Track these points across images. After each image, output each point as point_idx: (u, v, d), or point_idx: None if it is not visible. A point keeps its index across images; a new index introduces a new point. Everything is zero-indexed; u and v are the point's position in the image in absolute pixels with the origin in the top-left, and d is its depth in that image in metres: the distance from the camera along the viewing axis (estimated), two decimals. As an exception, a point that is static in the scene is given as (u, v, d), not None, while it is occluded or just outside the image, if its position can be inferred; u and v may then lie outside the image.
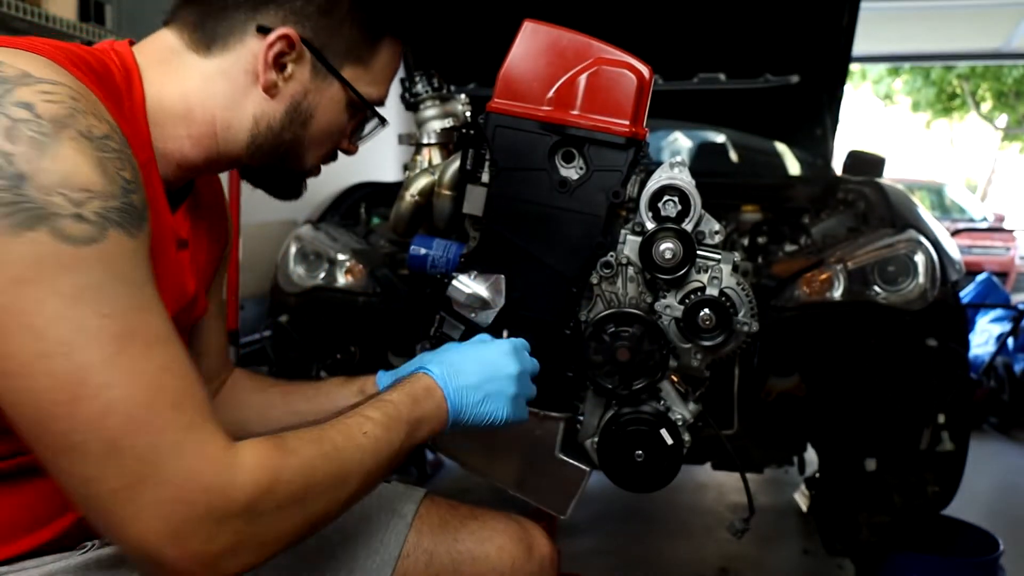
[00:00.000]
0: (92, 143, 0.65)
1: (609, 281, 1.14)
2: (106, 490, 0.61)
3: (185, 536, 0.62)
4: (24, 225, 0.59)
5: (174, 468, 0.62)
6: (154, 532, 0.61)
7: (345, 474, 0.73)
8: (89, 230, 0.62)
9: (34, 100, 0.63)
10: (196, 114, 0.83)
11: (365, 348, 2.17)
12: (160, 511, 0.61)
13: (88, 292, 0.61)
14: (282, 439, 0.70)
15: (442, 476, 3.17)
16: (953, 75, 13.91)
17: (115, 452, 0.60)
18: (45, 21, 2.27)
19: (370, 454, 0.76)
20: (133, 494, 0.61)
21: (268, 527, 0.67)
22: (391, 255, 2.06)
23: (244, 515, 0.64)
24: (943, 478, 1.98)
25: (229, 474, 0.64)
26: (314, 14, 0.83)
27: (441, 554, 0.99)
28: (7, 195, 0.60)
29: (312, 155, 0.92)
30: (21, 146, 0.61)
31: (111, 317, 0.61)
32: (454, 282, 1.12)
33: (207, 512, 0.62)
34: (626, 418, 1.12)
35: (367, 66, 0.89)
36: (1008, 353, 4.14)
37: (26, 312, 0.59)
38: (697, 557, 2.56)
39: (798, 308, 1.85)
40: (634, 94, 1.08)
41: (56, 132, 0.63)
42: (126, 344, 0.62)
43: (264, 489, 0.65)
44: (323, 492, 0.71)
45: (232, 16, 0.81)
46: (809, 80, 3.04)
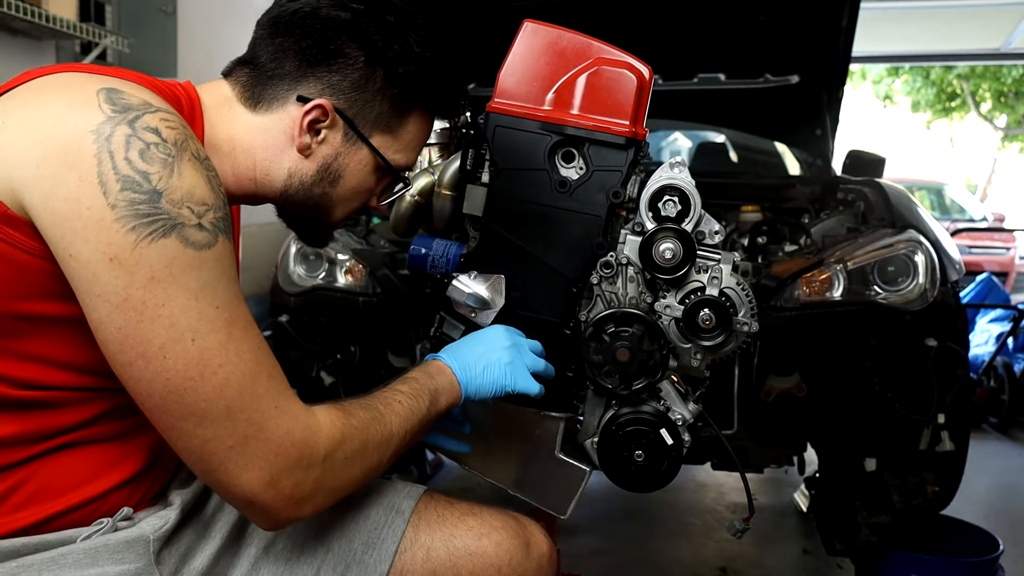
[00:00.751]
0: (202, 163, 0.78)
1: (609, 281, 1.14)
2: (223, 448, 0.76)
3: (281, 481, 0.79)
4: (160, 234, 0.73)
5: (274, 427, 0.78)
6: (258, 479, 0.78)
7: (389, 434, 0.90)
8: (208, 237, 0.76)
9: (159, 126, 0.76)
10: (239, 157, 0.94)
11: (365, 348, 2.17)
12: (264, 462, 0.78)
13: (207, 287, 0.75)
14: (343, 406, 0.88)
15: (442, 476, 3.17)
16: (953, 75, 13.91)
17: (231, 416, 0.76)
18: (45, 21, 2.27)
19: (405, 419, 0.93)
20: (244, 449, 0.77)
21: (338, 475, 0.84)
22: (391, 255, 2.06)
23: (322, 464, 0.81)
24: (943, 478, 1.98)
25: (312, 431, 0.81)
26: (349, 88, 0.93)
27: (438, 549, 1.01)
28: (146, 207, 0.72)
29: (340, 210, 1.02)
30: (155, 166, 0.74)
31: (222, 307, 0.76)
32: (454, 282, 1.12)
33: (297, 462, 0.79)
34: (626, 418, 1.13)
35: (396, 135, 0.99)
36: (1008, 353, 4.14)
37: (161, 304, 0.73)
38: (697, 557, 2.56)
39: (798, 308, 1.84)
40: (634, 94, 1.08)
41: (179, 154, 0.76)
42: (233, 329, 0.77)
43: (336, 443, 0.83)
44: (375, 448, 0.88)
45: (277, 84, 0.93)
46: (809, 80, 3.04)
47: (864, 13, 2.70)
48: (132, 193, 0.72)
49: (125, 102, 0.76)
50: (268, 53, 0.93)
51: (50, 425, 0.81)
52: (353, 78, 0.93)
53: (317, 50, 0.92)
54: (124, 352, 0.74)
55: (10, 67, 2.46)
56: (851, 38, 2.71)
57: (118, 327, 0.73)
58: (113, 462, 0.87)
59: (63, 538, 0.81)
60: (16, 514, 0.80)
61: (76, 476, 0.84)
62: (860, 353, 1.91)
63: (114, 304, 0.72)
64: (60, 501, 0.82)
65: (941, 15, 6.03)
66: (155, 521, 0.87)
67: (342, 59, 0.92)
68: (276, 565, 0.97)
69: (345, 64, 0.92)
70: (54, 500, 0.82)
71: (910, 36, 6.81)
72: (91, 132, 0.72)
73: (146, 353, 0.73)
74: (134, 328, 0.73)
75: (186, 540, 0.91)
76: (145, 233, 0.72)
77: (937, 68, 13.59)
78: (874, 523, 2.02)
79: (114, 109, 0.74)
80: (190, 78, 0.98)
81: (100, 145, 0.72)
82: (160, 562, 0.85)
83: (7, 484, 0.80)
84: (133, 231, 0.72)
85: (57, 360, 0.79)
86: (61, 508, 0.82)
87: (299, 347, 2.13)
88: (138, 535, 0.84)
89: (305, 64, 0.92)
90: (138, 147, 0.73)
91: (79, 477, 0.84)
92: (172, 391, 0.74)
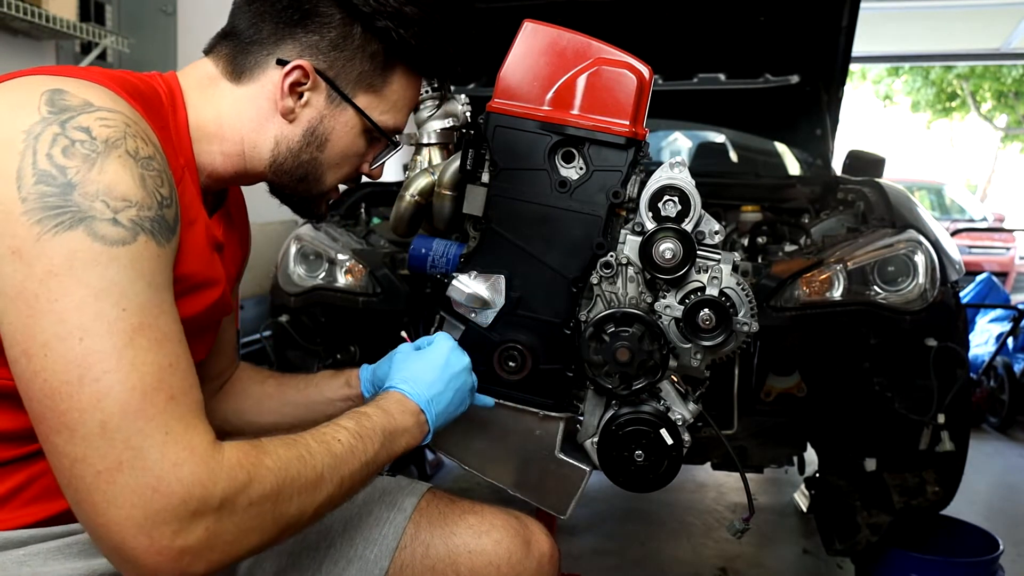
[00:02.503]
0: (136, 161, 0.73)
1: (609, 281, 1.14)
2: (91, 472, 0.65)
3: (156, 526, 0.65)
4: (65, 226, 0.67)
5: (158, 456, 0.66)
6: (127, 518, 0.64)
7: (317, 478, 0.77)
8: (122, 233, 0.69)
9: (91, 125, 0.72)
10: (227, 134, 0.93)
11: (365, 348, 2.17)
12: (136, 498, 0.64)
13: (113, 287, 0.68)
14: (260, 442, 0.75)
15: (442, 476, 3.17)
16: (953, 75, 13.90)
17: (105, 434, 0.65)
18: (45, 21, 2.27)
19: (343, 461, 0.81)
20: (115, 477, 0.65)
21: (239, 525, 0.69)
22: (391, 255, 2.06)
23: (217, 510, 0.67)
24: (943, 478, 1.98)
25: (209, 467, 0.67)
26: (327, 48, 0.91)
27: (438, 546, 1.02)
28: (55, 200, 0.68)
29: (331, 176, 1.00)
30: (75, 161, 0.70)
31: (128, 311, 0.68)
32: (454, 282, 1.12)
33: (182, 503, 0.65)
34: (626, 418, 1.13)
35: (381, 95, 0.96)
36: (1008, 353, 4.14)
37: (52, 299, 0.66)
38: (697, 557, 2.56)
39: (798, 308, 1.84)
40: (634, 94, 1.08)
41: (106, 151, 0.71)
42: (136, 337, 0.68)
43: (240, 484, 0.69)
44: (296, 493, 0.74)
45: (257, 51, 0.92)
46: (809, 80, 3.04)
47: (864, 13, 2.70)
48: (45, 186, 0.68)
49: (64, 103, 0.73)
50: (246, 20, 0.92)
51: None
52: (331, 36, 0.91)
53: (293, 11, 0.90)
54: (12, 348, 0.68)
55: (10, 67, 2.45)
56: (851, 38, 2.71)
57: (10, 322, 0.67)
58: None
59: (71, 529, 0.82)
60: (27, 508, 0.81)
61: None
62: (860, 353, 1.91)
63: (10, 298, 0.67)
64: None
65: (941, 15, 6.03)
66: None
67: (318, 18, 0.90)
68: (279, 559, 0.98)
69: (321, 23, 0.91)
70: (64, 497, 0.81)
71: (910, 36, 6.81)
72: (23, 131, 0.70)
73: (29, 350, 0.66)
74: (23, 323, 0.67)
75: None
76: (50, 226, 0.67)
77: (937, 68, 13.58)
78: (874, 523, 2.02)
79: (51, 110, 0.72)
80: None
81: (27, 144, 0.70)
82: None
83: (21, 478, 0.80)
84: (39, 223, 0.67)
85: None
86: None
87: (299, 347, 2.13)
88: None
89: (282, 26, 0.91)
90: (62, 144, 0.70)
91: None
92: (47, 395, 0.66)
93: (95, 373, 0.66)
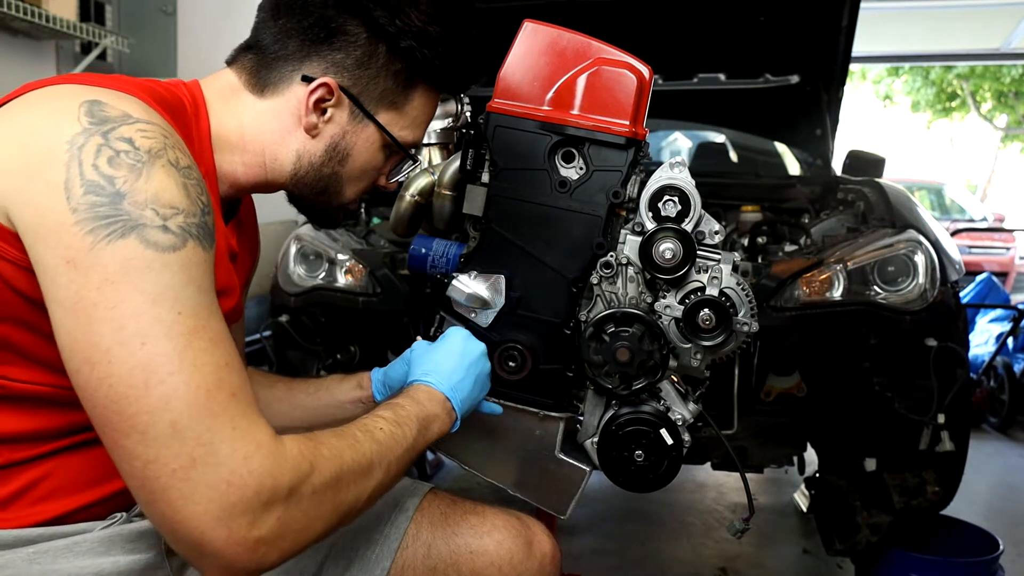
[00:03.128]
0: (179, 171, 0.75)
1: (609, 281, 1.14)
2: (166, 471, 0.66)
3: (233, 518, 0.67)
4: (117, 235, 0.69)
5: (229, 451, 0.68)
6: (204, 513, 0.66)
7: (368, 464, 0.80)
8: (172, 239, 0.71)
9: (134, 136, 0.74)
10: (249, 145, 0.94)
11: (365, 348, 2.17)
12: (213, 492, 0.66)
13: (167, 292, 0.70)
14: (313, 435, 0.78)
15: (442, 476, 3.17)
16: (953, 75, 13.90)
17: (177, 434, 0.67)
18: (45, 21, 2.27)
19: (388, 447, 0.84)
20: (190, 474, 0.66)
21: (306, 513, 0.72)
22: (391, 255, 2.06)
23: (287, 499, 0.70)
24: (943, 478, 1.98)
25: (276, 459, 0.70)
26: (352, 66, 0.93)
27: (439, 546, 1.02)
28: (106, 209, 0.69)
29: (350, 190, 1.02)
30: (121, 171, 0.71)
31: (184, 315, 0.70)
32: (454, 282, 1.12)
33: (255, 495, 0.68)
34: (626, 418, 1.13)
35: (402, 111, 0.98)
36: (1008, 353, 4.14)
37: (111, 307, 0.68)
38: (697, 557, 2.56)
39: (798, 308, 1.84)
40: (634, 94, 1.08)
41: (151, 160, 0.73)
42: (194, 339, 0.69)
43: (304, 473, 0.72)
44: (351, 480, 0.78)
45: (282, 66, 0.93)
46: (809, 80, 3.04)
47: (864, 13, 2.70)
48: (94, 196, 0.70)
49: (104, 114, 0.75)
50: (271, 35, 0.93)
51: (67, 422, 0.82)
52: (356, 55, 0.93)
53: (319, 29, 0.91)
54: (73, 358, 0.69)
55: (10, 67, 2.45)
56: (851, 38, 2.71)
57: (68, 331, 0.69)
58: None
59: (79, 528, 0.83)
60: (36, 507, 0.82)
61: (95, 473, 0.85)
62: (860, 353, 1.91)
63: (67, 307, 0.69)
64: (79, 497, 0.84)
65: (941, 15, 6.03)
66: None
67: (344, 36, 0.92)
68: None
69: (348, 42, 0.92)
70: (73, 496, 0.83)
71: (910, 36, 6.81)
72: (66, 142, 0.72)
73: (92, 358, 0.68)
74: (83, 332, 0.68)
75: None
76: (103, 235, 0.69)
77: (937, 68, 13.58)
78: (874, 523, 2.02)
79: (91, 121, 0.74)
80: (190, 78, 0.98)
81: (72, 154, 0.71)
82: (171, 554, 0.86)
83: (28, 478, 0.82)
84: (91, 233, 0.69)
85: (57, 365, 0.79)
86: (80, 504, 0.84)
87: (299, 347, 2.13)
88: (151, 526, 0.85)
89: (308, 44, 0.92)
90: (108, 155, 0.72)
91: (98, 474, 0.85)
92: (114, 400, 0.67)
93: (160, 376, 0.67)
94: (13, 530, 0.80)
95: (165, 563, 0.85)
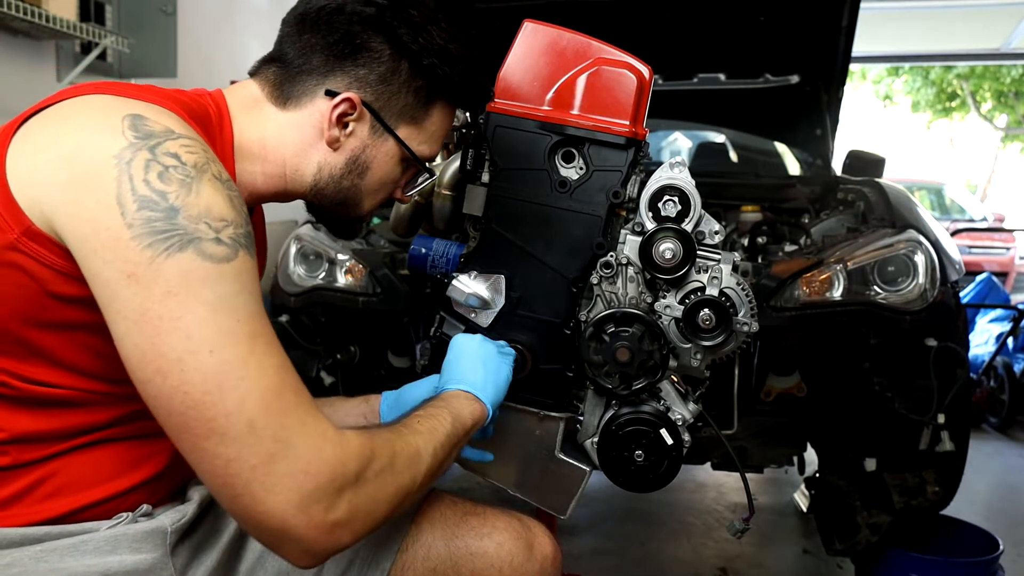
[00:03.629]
0: (223, 184, 0.79)
1: (609, 281, 1.14)
2: (247, 467, 0.72)
3: (311, 505, 0.73)
4: (175, 248, 0.72)
5: (302, 445, 0.73)
6: (286, 502, 0.72)
7: (415, 450, 0.86)
8: (226, 251, 0.75)
9: (179, 151, 0.77)
10: (270, 156, 0.96)
11: (365, 348, 2.17)
12: (292, 482, 0.72)
13: (226, 301, 0.73)
14: (366, 428, 0.86)
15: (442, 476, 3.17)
16: (953, 75, 13.90)
17: (254, 433, 0.72)
18: (45, 21, 2.27)
19: (428, 436, 0.90)
20: (270, 468, 0.72)
21: (371, 496, 0.78)
22: (391, 255, 2.06)
23: (355, 484, 0.76)
24: (943, 478, 1.98)
25: (342, 448, 0.76)
26: (375, 81, 0.95)
27: (439, 548, 1.02)
28: (161, 224, 0.73)
29: (368, 202, 1.04)
30: (172, 186, 0.74)
31: (243, 322, 0.74)
32: (454, 282, 1.12)
33: (329, 482, 0.74)
34: (626, 418, 1.13)
35: (421, 126, 1.00)
36: (1008, 353, 4.14)
37: (177, 318, 0.72)
38: (697, 557, 2.56)
39: (798, 308, 1.84)
40: (634, 94, 1.08)
41: (198, 175, 0.76)
42: (255, 344, 0.74)
43: (367, 459, 0.78)
44: (404, 465, 0.83)
45: (306, 80, 0.95)
46: (809, 80, 3.04)
47: (864, 13, 2.70)
48: (149, 212, 0.73)
49: (148, 129, 0.77)
50: (295, 50, 0.95)
51: (78, 423, 0.84)
52: (379, 71, 0.95)
53: (344, 45, 0.93)
54: (143, 368, 0.72)
55: (10, 67, 2.46)
56: (851, 38, 2.71)
57: (135, 343, 0.72)
58: (137, 461, 0.89)
59: (85, 528, 0.84)
60: (41, 504, 0.83)
61: (100, 473, 0.86)
62: (860, 353, 1.91)
63: (132, 320, 0.72)
64: (84, 495, 0.85)
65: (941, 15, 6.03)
66: (173, 515, 0.89)
67: (368, 53, 0.94)
68: (279, 560, 0.98)
69: (371, 58, 0.94)
70: (78, 494, 0.85)
71: (910, 36, 6.82)
72: (113, 157, 0.74)
73: (163, 368, 0.71)
74: (151, 343, 0.72)
75: (199, 535, 0.93)
76: (161, 249, 0.72)
77: (937, 68, 13.58)
78: (874, 523, 2.02)
79: (136, 136, 0.76)
80: (190, 78, 0.99)
81: (120, 169, 0.74)
82: (175, 555, 0.87)
83: (35, 476, 0.83)
84: (150, 247, 0.72)
85: (79, 367, 0.82)
86: (85, 503, 0.85)
87: (299, 347, 2.13)
88: (156, 527, 0.86)
89: (332, 59, 0.94)
90: (157, 170, 0.75)
91: (103, 474, 0.86)
92: (191, 407, 0.71)
93: (232, 381, 0.71)
94: (20, 528, 0.81)
95: (169, 564, 0.86)
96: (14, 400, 0.81)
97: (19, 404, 0.81)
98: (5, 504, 0.82)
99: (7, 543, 0.80)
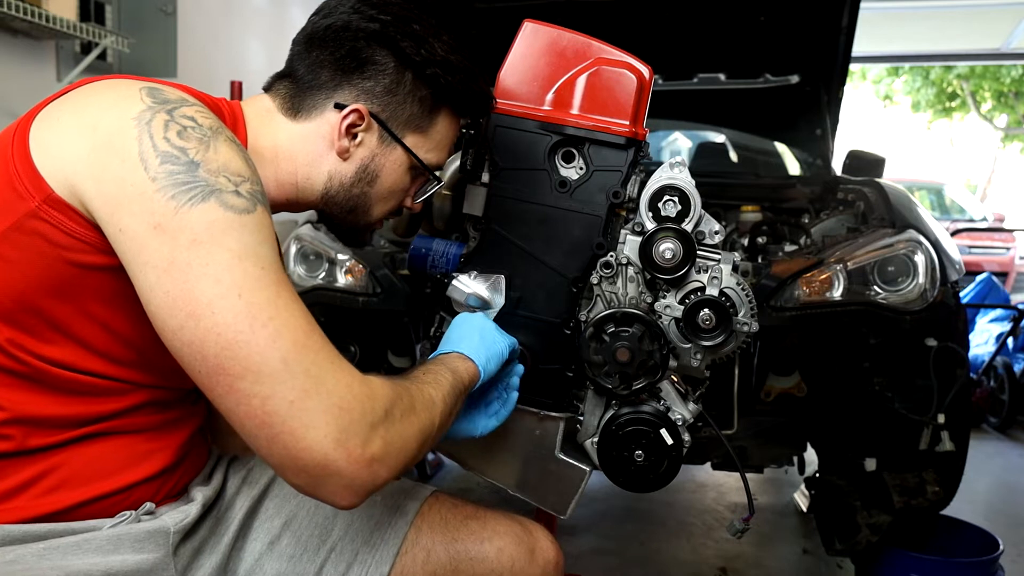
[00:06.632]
0: (237, 146, 0.83)
1: (609, 281, 1.14)
2: (284, 404, 0.73)
3: (349, 438, 0.75)
4: (198, 199, 0.76)
5: (332, 381, 0.76)
6: (325, 437, 0.74)
7: (429, 398, 0.89)
8: (245, 203, 0.78)
9: (195, 115, 0.82)
10: (282, 164, 1.00)
11: (365, 348, 2.17)
12: (329, 416, 0.74)
13: (249, 249, 0.76)
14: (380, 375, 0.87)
15: (442, 476, 3.17)
16: (953, 75, 13.90)
17: (288, 368, 0.74)
18: (45, 21, 2.27)
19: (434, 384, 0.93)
20: (306, 404, 0.74)
21: (400, 433, 0.81)
22: (391, 255, 2.06)
23: (385, 421, 0.79)
24: (943, 478, 1.98)
25: (370, 387, 0.79)
26: (381, 93, 0.99)
27: (439, 552, 1.02)
28: (183, 176, 0.76)
29: (378, 209, 1.06)
30: (191, 143, 0.79)
31: (267, 270, 0.77)
32: (454, 282, 1.12)
33: (362, 416, 0.76)
34: (626, 418, 1.13)
35: (427, 135, 1.04)
36: (1008, 353, 4.14)
37: (205, 264, 0.74)
38: (697, 557, 2.56)
39: (798, 308, 1.84)
40: (634, 94, 1.08)
41: (214, 135, 0.81)
42: (280, 290, 0.77)
43: (392, 399, 0.81)
44: (423, 407, 0.87)
45: (316, 94, 0.99)
46: (809, 80, 3.04)
47: (864, 13, 2.70)
48: (171, 165, 0.76)
49: (164, 96, 0.82)
50: (305, 66, 0.99)
51: (87, 411, 0.85)
52: (385, 83, 0.98)
53: (351, 59, 0.98)
54: (174, 315, 0.74)
55: (10, 67, 2.46)
56: (851, 38, 2.71)
57: (166, 291, 0.74)
58: (142, 456, 0.89)
59: (88, 526, 0.84)
60: (45, 498, 0.83)
61: (106, 466, 0.87)
62: (860, 353, 1.91)
63: (162, 269, 0.74)
64: (87, 490, 0.85)
65: (941, 15, 6.04)
66: (176, 515, 0.90)
67: (374, 66, 0.98)
68: (279, 561, 0.99)
69: (377, 70, 0.98)
70: (82, 488, 0.85)
71: (910, 36, 6.82)
72: (133, 119, 0.78)
73: (195, 312, 0.73)
74: (181, 289, 0.74)
75: (201, 535, 0.93)
76: (185, 199, 0.75)
77: (937, 68, 13.57)
78: (874, 523, 2.01)
79: (154, 101, 0.81)
80: (190, 78, 1.00)
81: (141, 128, 0.78)
82: (177, 555, 0.88)
83: (39, 468, 0.83)
84: (173, 199, 0.75)
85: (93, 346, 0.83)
86: (88, 497, 0.85)
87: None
88: (159, 527, 0.87)
89: (340, 73, 0.98)
90: (176, 128, 0.79)
91: (108, 468, 0.87)
92: (224, 347, 0.73)
93: (262, 320, 0.74)
94: (23, 525, 0.81)
95: (171, 564, 0.86)
96: (24, 377, 0.82)
97: (29, 382, 0.82)
98: (7, 496, 0.82)
99: (10, 539, 0.80)
